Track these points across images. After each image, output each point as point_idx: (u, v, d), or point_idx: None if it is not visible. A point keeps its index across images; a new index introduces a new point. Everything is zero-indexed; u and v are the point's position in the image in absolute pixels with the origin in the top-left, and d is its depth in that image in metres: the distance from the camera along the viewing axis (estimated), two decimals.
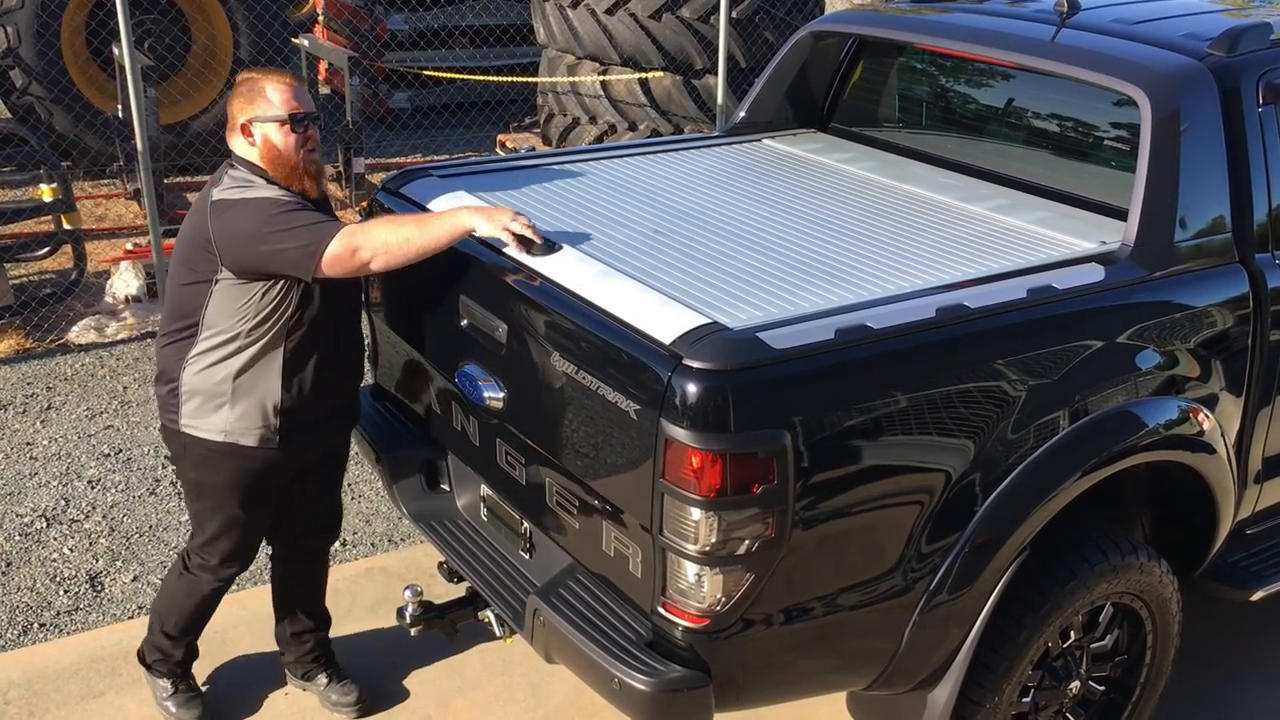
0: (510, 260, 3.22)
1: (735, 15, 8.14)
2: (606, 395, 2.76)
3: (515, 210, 3.25)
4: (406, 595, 3.70)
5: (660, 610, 2.77)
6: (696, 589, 2.69)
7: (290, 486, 3.56)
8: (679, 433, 2.58)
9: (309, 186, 3.35)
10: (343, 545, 4.71)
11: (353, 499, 5.05)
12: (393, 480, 3.76)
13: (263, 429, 3.35)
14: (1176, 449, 3.22)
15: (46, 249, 7.03)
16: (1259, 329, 3.33)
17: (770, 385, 2.63)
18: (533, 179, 3.91)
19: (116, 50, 7.43)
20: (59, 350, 6.53)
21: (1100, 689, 3.45)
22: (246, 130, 3.31)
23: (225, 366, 3.30)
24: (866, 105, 4.60)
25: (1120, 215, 3.37)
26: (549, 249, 3.19)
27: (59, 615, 4.35)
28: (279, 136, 3.28)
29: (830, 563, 2.78)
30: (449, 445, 3.65)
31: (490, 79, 10.41)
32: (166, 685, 3.73)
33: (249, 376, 3.31)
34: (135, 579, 4.55)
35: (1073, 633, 3.27)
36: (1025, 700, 3.26)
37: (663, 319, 2.76)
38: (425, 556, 4.58)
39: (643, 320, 2.79)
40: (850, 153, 4.29)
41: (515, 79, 10.47)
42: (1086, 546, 3.18)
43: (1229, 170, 3.31)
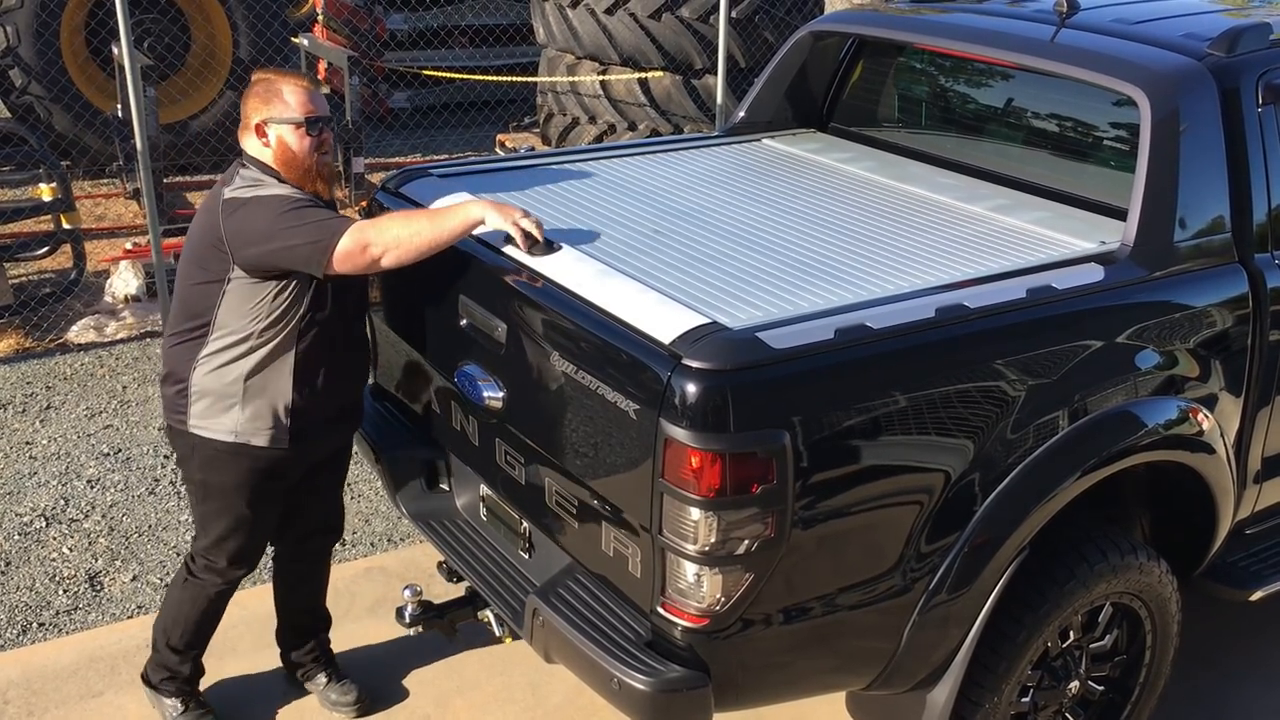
0: (510, 260, 3.22)
1: (735, 15, 8.13)
2: (606, 395, 2.76)
3: (525, 210, 3.25)
4: (406, 595, 3.70)
5: (659, 610, 2.77)
6: (696, 589, 2.69)
7: (297, 487, 3.55)
8: (678, 432, 2.58)
9: (322, 189, 3.34)
10: (342, 545, 4.70)
11: (352, 498, 5.05)
12: (392, 480, 3.76)
13: (273, 429, 3.34)
14: (1176, 449, 3.22)
15: (46, 248, 7.03)
16: (1258, 329, 3.33)
17: (770, 385, 2.63)
18: (532, 179, 3.91)
19: (116, 50, 7.43)
20: (58, 350, 6.54)
21: (1099, 689, 3.45)
22: (261, 131, 3.29)
23: (237, 367, 3.28)
24: (866, 105, 4.60)
25: (1120, 215, 3.37)
26: (549, 248, 3.19)
27: (58, 615, 4.34)
28: (294, 139, 3.28)
29: (829, 563, 2.78)
30: (448, 445, 3.65)
31: (490, 79, 10.41)
32: (176, 704, 3.67)
33: (261, 377, 3.29)
34: (134, 578, 4.55)
35: (1072, 633, 3.27)
36: (1024, 700, 3.26)
37: (662, 319, 2.76)
38: (424, 556, 4.58)
39: (642, 320, 2.79)
40: (850, 153, 4.29)
41: (515, 79, 10.47)
42: (1086, 546, 3.18)
43: (1228, 170, 3.31)
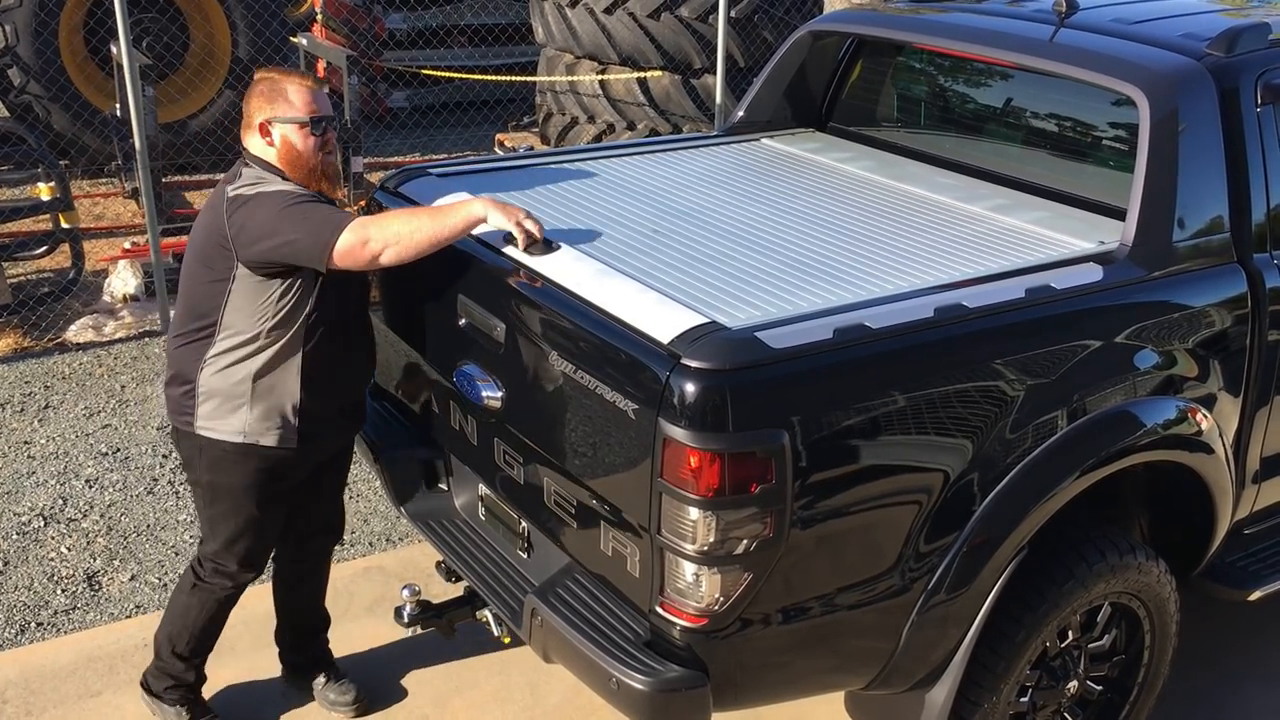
0: (509, 259, 3.22)
1: (734, 15, 8.13)
2: (605, 395, 2.76)
3: (527, 211, 3.25)
4: (404, 594, 3.70)
5: (658, 610, 2.77)
6: (694, 588, 2.68)
7: (300, 487, 3.55)
8: (677, 432, 2.58)
9: (326, 187, 3.34)
10: (341, 544, 4.69)
11: (351, 498, 5.04)
12: (391, 479, 3.76)
13: (282, 429, 3.33)
14: (1174, 449, 3.22)
15: (44, 248, 7.03)
16: (1257, 329, 3.33)
17: (768, 385, 2.63)
18: (531, 178, 3.91)
19: (115, 49, 7.43)
20: (57, 349, 6.53)
21: (1098, 689, 3.45)
22: (265, 130, 3.29)
23: (245, 367, 3.27)
24: (865, 105, 4.60)
25: (1119, 215, 3.37)
26: (548, 248, 3.19)
27: (56, 614, 4.34)
28: (298, 138, 3.27)
29: (828, 562, 2.78)
30: (447, 445, 3.65)
31: (489, 78, 10.41)
32: (181, 713, 3.65)
33: (269, 377, 3.28)
34: (133, 578, 4.55)
35: (1070, 632, 3.27)
36: (1023, 700, 3.26)
37: (661, 318, 2.76)
38: (423, 556, 4.58)
39: (641, 320, 2.79)
40: (849, 152, 4.29)
41: (514, 78, 10.47)
42: (1084, 546, 3.18)
43: (1227, 170, 3.31)
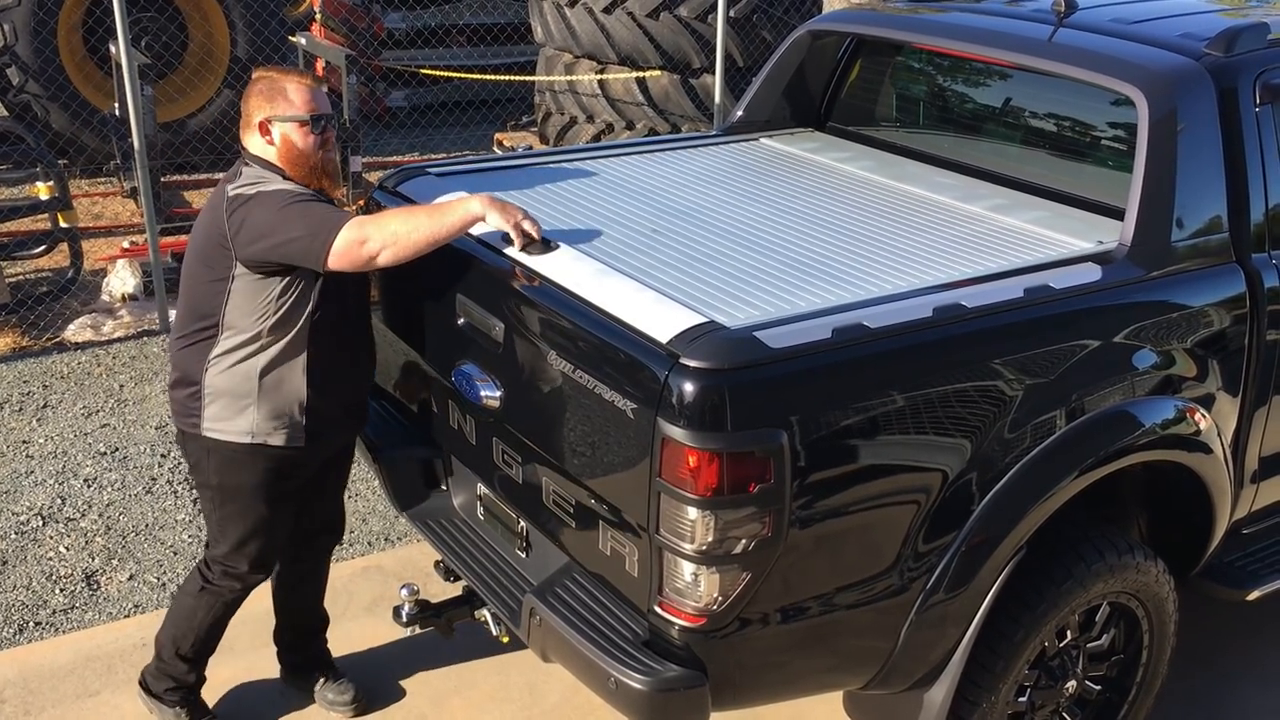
0: (507, 259, 3.21)
1: (733, 14, 8.13)
2: (603, 394, 2.76)
3: (525, 211, 3.25)
4: (403, 594, 3.70)
5: (657, 609, 2.77)
6: (693, 588, 2.68)
7: (304, 486, 3.54)
8: (676, 432, 2.58)
9: (326, 186, 3.33)
10: (339, 544, 4.69)
11: (349, 497, 5.04)
12: (390, 479, 3.76)
13: (290, 429, 3.32)
14: (1173, 448, 3.22)
15: (43, 247, 7.03)
16: (1255, 328, 3.33)
17: (767, 384, 2.63)
18: (530, 178, 3.91)
19: (113, 48, 7.42)
20: (55, 348, 6.53)
21: (1096, 688, 3.45)
22: (264, 129, 3.28)
23: (250, 365, 3.26)
24: (864, 104, 4.60)
25: (1117, 215, 3.37)
26: (546, 247, 3.18)
27: (55, 614, 4.34)
28: (298, 136, 3.27)
29: (827, 562, 2.78)
30: (446, 444, 3.65)
31: (487, 78, 10.41)
32: (180, 713, 3.64)
33: (274, 376, 3.28)
34: (131, 577, 4.55)
35: (1069, 632, 3.27)
36: (1022, 700, 3.26)
37: (660, 318, 2.76)
38: (422, 555, 4.58)
39: (640, 319, 2.79)
40: (847, 152, 4.29)
41: (512, 78, 10.47)
42: (1083, 546, 3.18)
43: (1226, 170, 3.31)
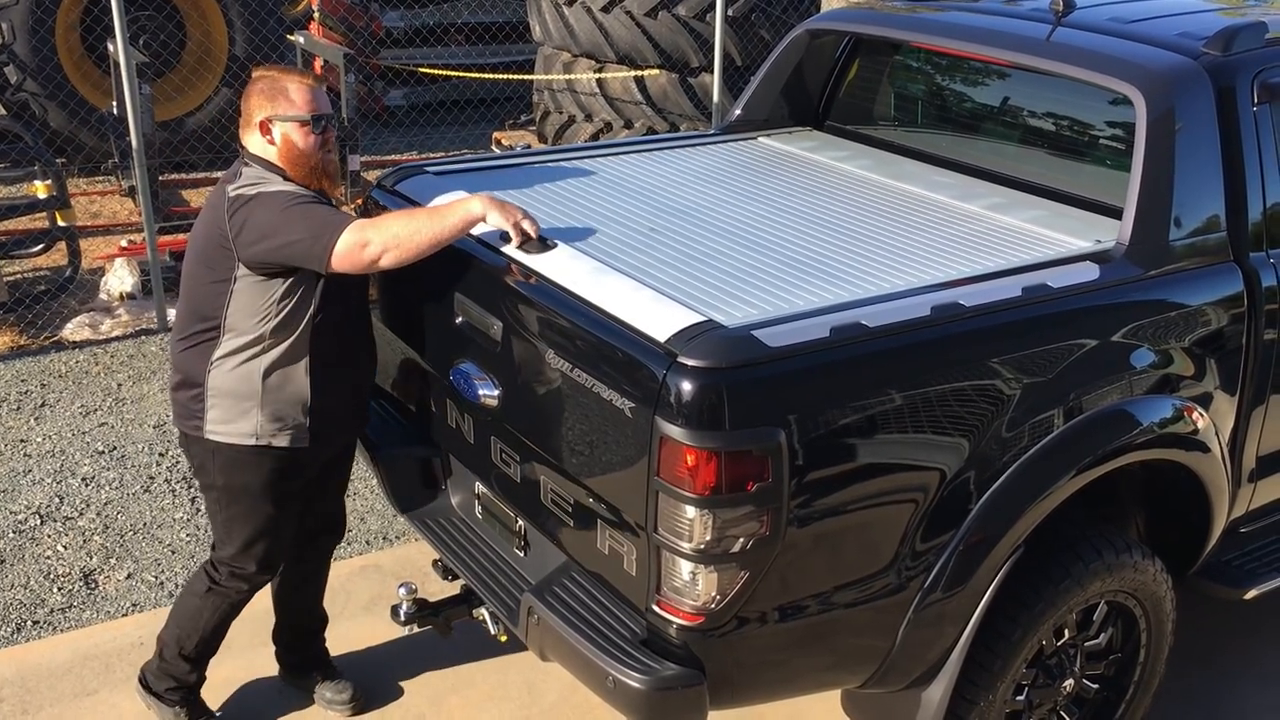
0: (506, 257, 3.21)
1: (731, 13, 8.14)
2: (601, 393, 2.76)
3: (525, 210, 3.24)
4: (401, 593, 3.70)
5: (655, 608, 2.77)
6: (691, 587, 2.69)
7: (310, 485, 3.54)
8: (674, 430, 2.58)
9: (327, 186, 3.33)
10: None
11: (348, 496, 5.02)
12: (388, 478, 3.76)
13: (293, 429, 3.32)
14: (1171, 447, 3.22)
15: (41, 246, 7.03)
16: (1253, 328, 3.34)
17: (765, 383, 2.63)
18: (528, 176, 3.91)
19: (111, 46, 7.41)
20: (53, 347, 6.52)
21: (1094, 687, 3.45)
22: (265, 128, 3.28)
23: (253, 368, 3.26)
24: (862, 103, 4.60)
25: (1115, 214, 3.37)
26: (545, 246, 3.18)
27: (52, 613, 4.34)
28: (299, 136, 3.26)
29: (825, 560, 2.78)
30: (444, 443, 3.65)
31: (486, 76, 10.41)
32: (180, 713, 3.64)
33: (277, 377, 3.27)
34: (129, 576, 4.54)
35: (1067, 631, 3.27)
36: (1019, 698, 3.26)
37: (658, 317, 2.76)
38: (420, 554, 4.58)
39: (638, 318, 2.79)
40: (846, 151, 4.29)
41: (511, 76, 10.46)
42: (1081, 545, 3.18)
43: (1224, 169, 3.31)
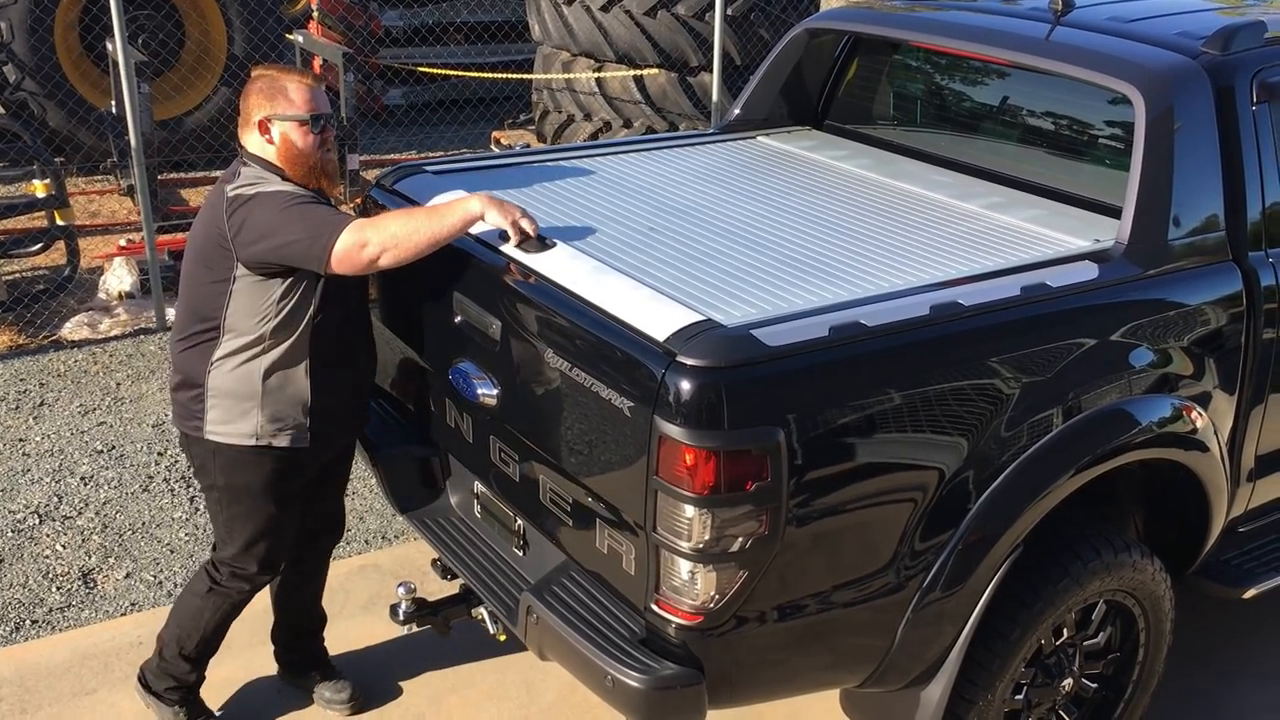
0: (504, 257, 3.21)
1: (730, 12, 8.14)
2: (600, 392, 2.76)
3: (523, 209, 3.24)
4: (400, 592, 3.70)
5: (653, 607, 2.77)
6: (690, 586, 2.68)
7: (310, 484, 3.54)
8: (672, 430, 2.58)
9: (325, 185, 3.33)
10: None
11: (347, 496, 5.02)
12: (387, 477, 3.76)
13: (294, 430, 3.32)
14: (1170, 447, 3.22)
15: (40, 245, 7.03)
16: (1252, 327, 3.34)
17: (764, 382, 2.63)
18: (527, 176, 3.91)
19: (110, 46, 7.42)
20: (52, 346, 6.52)
21: (1093, 686, 3.45)
22: (264, 128, 3.27)
23: (253, 367, 3.25)
24: (861, 102, 4.60)
25: (1114, 213, 3.38)
26: (544, 246, 3.18)
27: (51, 612, 4.34)
28: (298, 136, 3.26)
29: (824, 560, 2.78)
30: (443, 442, 3.65)
31: (485, 75, 10.41)
32: (179, 712, 3.63)
33: (278, 377, 3.27)
34: (128, 575, 4.54)
35: (1065, 630, 3.27)
36: (1018, 697, 3.26)
37: (657, 316, 2.76)
38: (418, 553, 4.58)
39: (636, 317, 2.79)
40: (845, 150, 4.29)
41: (510, 75, 10.46)
42: (1079, 544, 3.18)
43: (1223, 168, 3.31)
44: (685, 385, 2.57)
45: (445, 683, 3.98)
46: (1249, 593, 3.63)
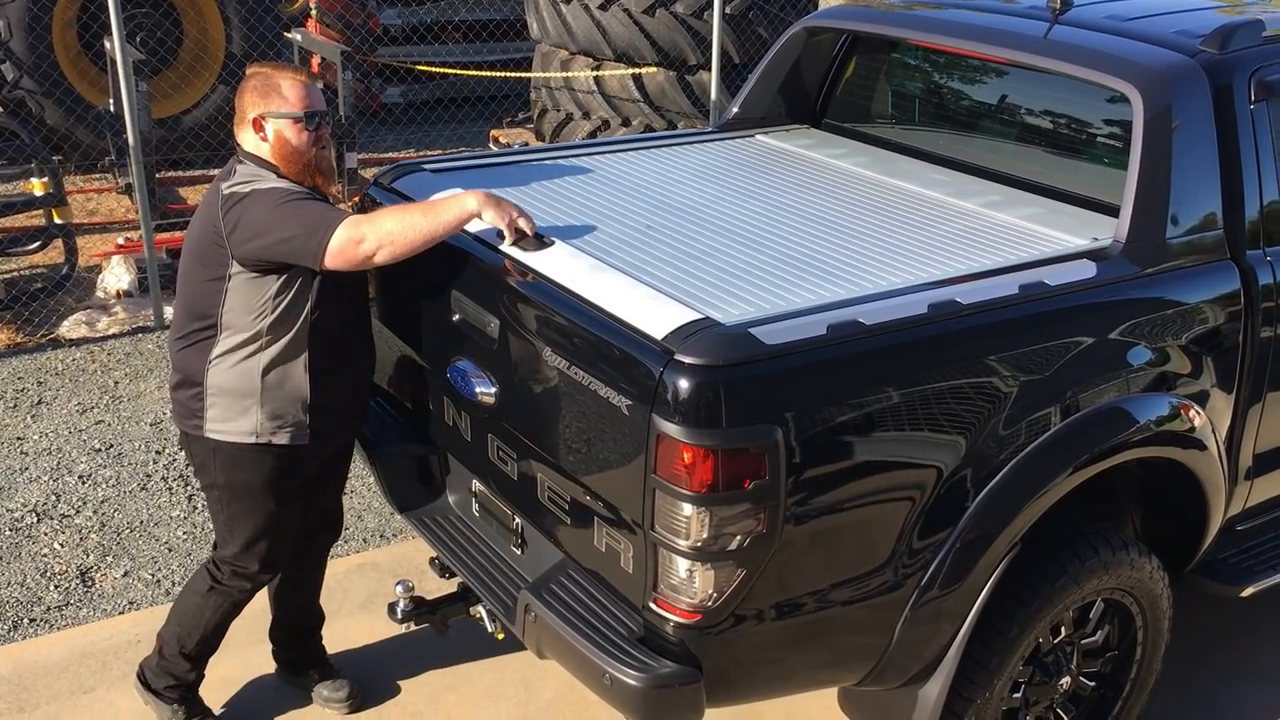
0: (502, 255, 3.21)
1: (729, 10, 8.14)
2: (598, 390, 2.76)
3: (520, 208, 3.24)
4: (398, 590, 3.70)
5: (652, 605, 2.77)
6: (688, 584, 2.69)
7: (310, 482, 3.54)
8: (670, 428, 2.58)
9: (321, 183, 3.32)
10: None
11: (345, 494, 5.03)
12: (385, 476, 3.76)
13: (294, 427, 3.31)
14: (1168, 445, 3.23)
15: (37, 243, 7.03)
16: (1250, 325, 3.34)
17: (762, 381, 2.63)
18: (525, 174, 3.91)
19: (108, 44, 7.41)
20: (50, 345, 6.52)
21: (1091, 685, 3.46)
22: (258, 125, 3.27)
23: (251, 366, 3.25)
24: (859, 101, 4.60)
25: (1112, 211, 3.38)
26: (541, 243, 3.18)
27: (49, 610, 4.34)
28: (293, 133, 3.25)
29: (822, 558, 2.79)
30: (441, 441, 3.65)
31: (483, 74, 10.41)
32: (178, 711, 3.63)
33: (276, 375, 3.26)
34: (126, 574, 4.54)
35: (1063, 628, 3.27)
36: (1016, 696, 3.27)
37: (655, 314, 2.76)
38: (417, 552, 4.58)
39: (635, 315, 2.79)
40: (843, 148, 4.29)
41: (508, 74, 10.46)
42: (1077, 543, 3.18)
43: (1221, 167, 3.31)
44: (683, 383, 2.57)
45: (443, 681, 3.98)
46: (1247, 591, 3.63)
